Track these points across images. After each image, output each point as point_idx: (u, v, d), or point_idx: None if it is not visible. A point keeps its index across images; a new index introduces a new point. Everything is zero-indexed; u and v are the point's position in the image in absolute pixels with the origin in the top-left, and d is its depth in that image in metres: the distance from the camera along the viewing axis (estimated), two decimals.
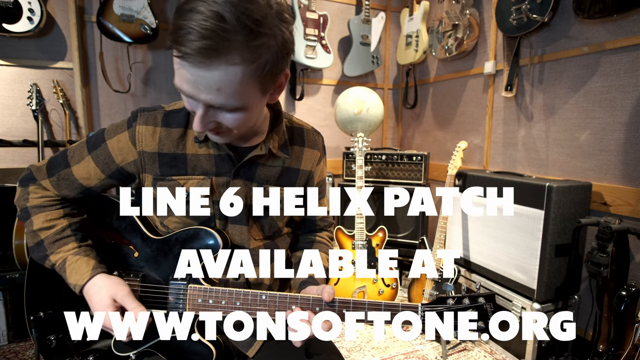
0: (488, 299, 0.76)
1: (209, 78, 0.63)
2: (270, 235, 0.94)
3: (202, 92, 0.65)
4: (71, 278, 0.80)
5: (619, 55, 1.68)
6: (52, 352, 0.87)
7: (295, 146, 0.93)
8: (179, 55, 0.61)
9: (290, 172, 0.92)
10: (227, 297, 0.80)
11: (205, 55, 0.60)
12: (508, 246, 1.86)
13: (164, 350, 0.84)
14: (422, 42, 2.75)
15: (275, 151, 0.87)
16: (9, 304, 1.90)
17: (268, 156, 0.88)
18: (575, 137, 1.89)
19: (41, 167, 0.86)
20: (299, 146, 0.94)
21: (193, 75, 0.63)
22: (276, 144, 0.87)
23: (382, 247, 2.23)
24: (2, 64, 2.13)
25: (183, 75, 0.64)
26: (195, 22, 0.58)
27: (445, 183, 2.06)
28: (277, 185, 0.90)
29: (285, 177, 0.91)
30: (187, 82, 0.65)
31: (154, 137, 0.82)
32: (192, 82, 0.64)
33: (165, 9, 2.50)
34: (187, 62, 0.62)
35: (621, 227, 1.43)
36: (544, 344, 1.71)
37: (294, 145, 0.93)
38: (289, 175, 0.92)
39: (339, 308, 0.77)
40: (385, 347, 1.97)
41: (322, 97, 3.03)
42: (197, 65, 0.61)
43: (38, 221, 0.83)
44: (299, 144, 0.94)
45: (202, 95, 0.65)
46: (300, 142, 0.94)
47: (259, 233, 0.92)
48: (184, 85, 0.66)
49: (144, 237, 0.87)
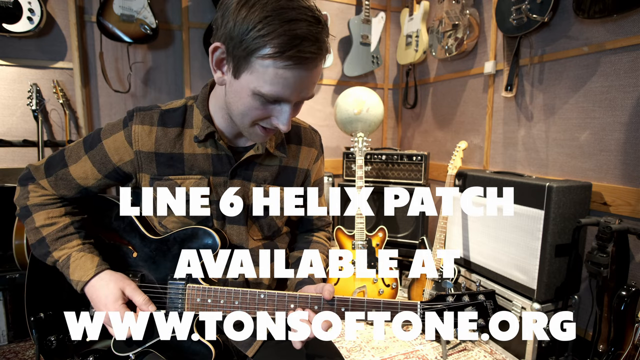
0: (488, 296, 0.76)
1: (314, 76, 0.69)
2: (270, 235, 0.94)
3: (303, 91, 0.69)
4: (74, 274, 0.80)
5: (619, 55, 1.68)
6: (52, 352, 0.87)
7: (292, 145, 0.93)
8: (291, 63, 0.63)
9: (288, 170, 0.92)
10: (226, 297, 0.80)
11: (320, 57, 0.66)
12: (508, 246, 1.85)
13: (163, 350, 0.84)
14: (422, 42, 2.75)
15: (272, 150, 0.87)
16: (9, 304, 1.90)
17: (265, 155, 0.88)
18: (575, 137, 1.89)
19: (39, 166, 0.86)
20: (295, 145, 0.94)
21: (301, 79, 0.66)
22: (273, 143, 0.87)
23: (382, 247, 2.23)
24: (2, 64, 2.13)
25: (287, 81, 0.66)
26: (305, 29, 0.63)
27: (445, 183, 2.06)
28: (274, 184, 0.90)
29: (283, 176, 0.91)
30: (290, 87, 0.67)
31: (150, 137, 0.82)
32: (298, 84, 0.67)
33: (166, 9, 2.50)
34: (301, 68, 0.65)
35: (621, 227, 1.43)
36: (544, 344, 1.71)
37: (291, 143, 0.93)
38: (286, 174, 0.92)
39: (337, 306, 0.76)
40: (385, 347, 1.97)
41: (322, 97, 3.03)
42: (311, 68, 0.66)
43: (40, 218, 0.83)
44: (296, 142, 0.94)
45: (302, 93, 0.70)
46: (297, 141, 0.94)
47: (258, 233, 0.92)
48: (285, 91, 0.67)
49: (143, 237, 0.86)
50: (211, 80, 0.86)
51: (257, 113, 0.72)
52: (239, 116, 0.75)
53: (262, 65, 0.65)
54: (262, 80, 0.66)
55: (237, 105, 0.73)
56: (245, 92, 0.69)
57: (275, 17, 0.61)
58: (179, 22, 2.54)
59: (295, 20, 0.62)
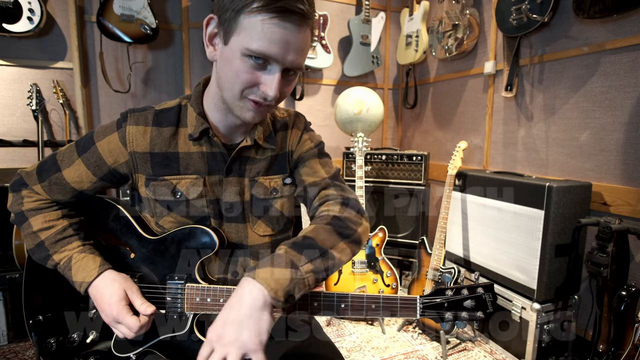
0: (487, 289, 0.76)
1: (301, 39, 0.69)
2: (282, 229, 0.93)
3: (290, 53, 0.69)
4: (77, 276, 0.80)
5: (619, 55, 1.68)
6: (52, 355, 0.87)
7: (279, 132, 0.91)
8: (276, 15, 0.65)
9: (279, 158, 0.91)
10: (225, 296, 0.79)
11: (305, 15, 0.67)
12: (508, 246, 1.85)
13: (163, 350, 0.84)
14: (422, 42, 2.75)
15: (261, 142, 0.86)
16: (9, 304, 1.90)
17: (256, 148, 0.87)
18: (575, 137, 1.89)
19: (31, 172, 0.85)
20: (282, 132, 0.92)
21: (287, 35, 0.67)
22: (261, 135, 0.86)
23: (382, 247, 2.23)
24: (2, 64, 2.13)
25: (274, 35, 0.67)
26: None
27: (445, 183, 2.06)
28: (268, 175, 0.89)
29: (276, 166, 0.90)
30: (277, 42, 0.67)
31: (144, 137, 0.82)
32: (284, 42, 0.68)
33: (165, 9, 2.50)
34: (286, 22, 0.66)
35: (621, 227, 1.43)
36: (544, 344, 1.71)
37: (279, 132, 0.91)
38: (278, 163, 0.91)
39: (337, 302, 0.76)
40: (385, 347, 1.97)
41: (322, 97, 3.03)
42: (296, 24, 0.67)
43: (37, 222, 0.83)
44: (283, 129, 0.92)
45: (290, 56, 0.69)
46: (284, 128, 0.92)
47: (267, 228, 0.91)
48: (272, 47, 0.67)
49: (140, 238, 0.86)
50: (204, 79, 0.85)
51: (245, 77, 0.71)
52: (229, 86, 0.73)
53: (249, 22, 0.66)
54: (249, 37, 0.67)
55: (226, 74, 0.73)
56: (235, 55, 0.69)
57: None
58: (179, 22, 2.54)
59: None
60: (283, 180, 0.91)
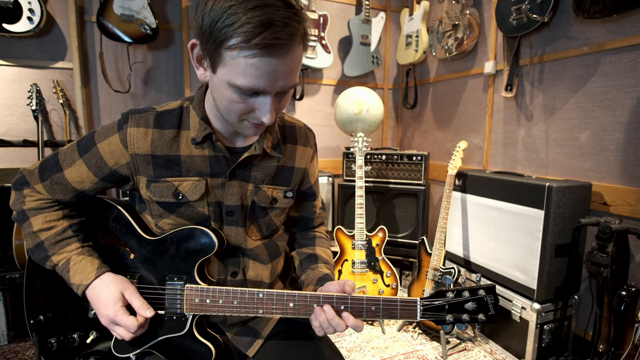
0: (488, 291, 0.75)
1: (290, 63, 0.66)
2: (268, 235, 0.94)
3: (279, 81, 0.67)
4: (75, 278, 0.80)
5: (619, 55, 1.68)
6: (53, 355, 0.87)
7: (288, 144, 0.93)
8: (259, 52, 0.61)
9: (285, 170, 0.92)
10: (224, 297, 0.79)
11: (293, 40, 0.63)
12: (508, 246, 1.85)
13: (163, 350, 0.84)
14: (422, 42, 2.75)
15: (269, 150, 0.87)
16: (9, 304, 1.90)
17: (262, 156, 0.87)
18: (575, 137, 1.89)
19: (33, 170, 0.85)
20: (291, 144, 0.93)
21: (273, 67, 0.64)
22: (270, 143, 0.87)
23: (382, 247, 2.23)
24: (2, 64, 2.13)
25: (259, 70, 0.64)
26: (270, 14, 0.60)
27: (445, 183, 2.06)
28: (272, 184, 0.90)
29: (280, 176, 0.91)
30: (263, 76, 0.65)
31: (146, 139, 0.81)
32: (271, 73, 0.65)
33: (165, 9, 2.50)
34: (271, 57, 0.62)
35: (621, 227, 1.43)
36: (544, 344, 1.71)
37: (287, 143, 0.93)
38: (283, 174, 0.91)
39: (337, 304, 0.76)
40: (385, 347, 1.97)
41: (322, 97, 3.03)
42: (282, 54, 0.63)
43: (37, 222, 0.83)
44: (292, 142, 0.94)
45: (279, 83, 0.67)
46: (293, 140, 0.94)
47: (257, 233, 0.91)
48: (259, 81, 0.65)
49: (139, 238, 0.86)
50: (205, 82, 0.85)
51: (239, 107, 0.70)
52: (225, 112, 0.74)
53: (231, 56, 0.63)
54: (234, 72, 0.65)
55: (220, 101, 0.72)
56: (223, 86, 0.68)
57: (239, 5, 0.60)
58: (179, 22, 2.54)
59: (259, 7, 0.59)
60: (285, 193, 0.92)
